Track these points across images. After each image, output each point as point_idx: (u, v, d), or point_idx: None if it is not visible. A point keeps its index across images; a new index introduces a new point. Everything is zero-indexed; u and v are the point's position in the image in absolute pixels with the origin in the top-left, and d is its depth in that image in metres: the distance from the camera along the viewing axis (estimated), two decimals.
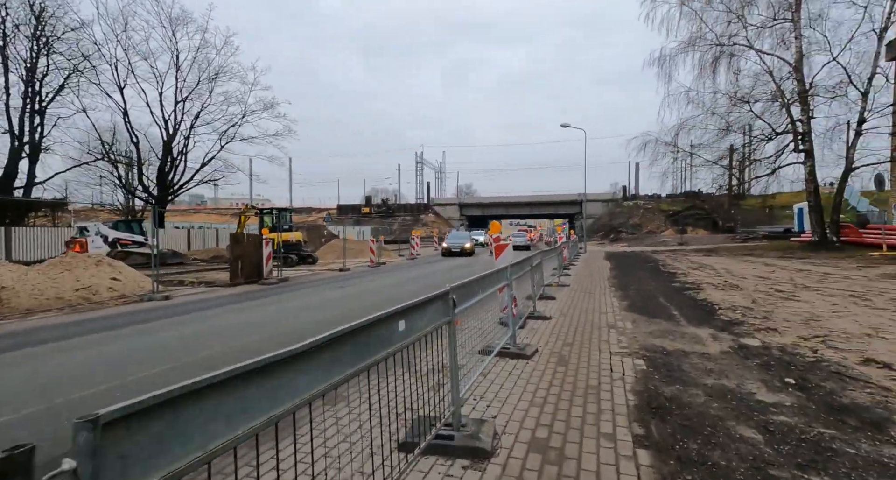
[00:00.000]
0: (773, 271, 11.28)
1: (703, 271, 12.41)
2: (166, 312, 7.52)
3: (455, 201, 72.69)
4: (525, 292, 7.40)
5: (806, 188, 19.09)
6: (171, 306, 8.14)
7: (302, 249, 19.14)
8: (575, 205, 60.69)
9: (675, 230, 51.14)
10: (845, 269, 11.08)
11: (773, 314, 6.10)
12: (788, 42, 18.74)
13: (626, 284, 10.25)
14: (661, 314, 6.58)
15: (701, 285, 9.16)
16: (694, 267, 13.52)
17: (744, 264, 13.58)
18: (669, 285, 9.58)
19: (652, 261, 16.79)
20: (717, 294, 7.88)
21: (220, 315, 7.33)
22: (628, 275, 12.23)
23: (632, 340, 5.14)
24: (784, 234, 32.09)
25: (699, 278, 10.43)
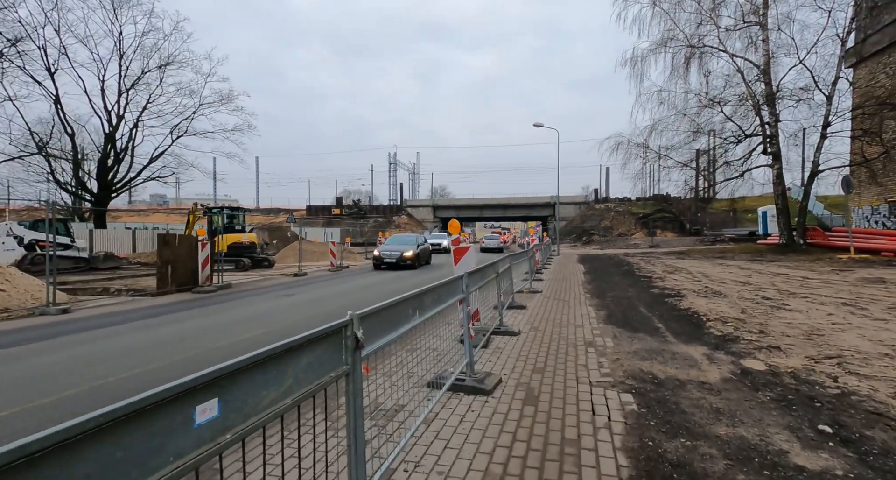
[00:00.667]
0: (751, 276, 10.82)
1: (679, 275, 11.87)
2: (52, 330, 6.13)
3: (428, 202, 71.74)
4: (490, 303, 6.46)
5: (774, 191, 19.16)
6: (66, 321, 6.72)
7: (256, 251, 17.62)
8: (548, 207, 60.86)
9: (644, 233, 51.96)
10: (821, 272, 10.75)
11: (769, 326, 5.37)
12: (757, 45, 18.77)
13: (602, 290, 9.50)
14: (643, 326, 5.76)
15: (681, 292, 8.49)
16: (669, 271, 13.00)
17: (719, 268, 13.17)
18: (648, 292, 8.87)
19: (626, 264, 16.28)
20: (700, 302, 7.17)
21: (122, 334, 6.01)
22: (604, 280, 11.54)
23: (614, 363, 4.25)
24: (749, 237, 32.82)
25: (678, 284, 9.80)
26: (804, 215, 18.53)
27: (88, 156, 25.22)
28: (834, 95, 17.31)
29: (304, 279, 13.38)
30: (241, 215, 17.70)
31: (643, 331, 5.52)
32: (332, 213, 71.40)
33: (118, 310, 7.78)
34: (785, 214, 18.91)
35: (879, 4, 16.48)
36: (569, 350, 4.78)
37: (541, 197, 63.78)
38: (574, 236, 53.33)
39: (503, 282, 7.35)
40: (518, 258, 9.33)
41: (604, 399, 3.34)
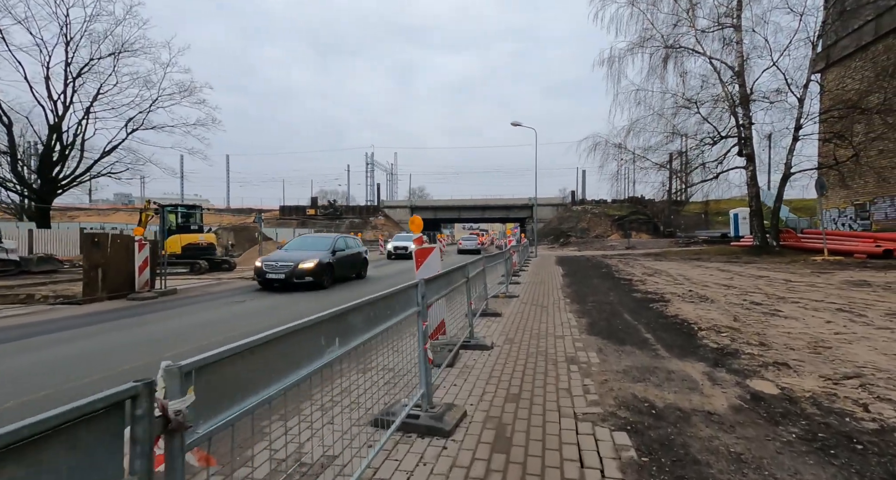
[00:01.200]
0: (732, 278, 10.48)
1: (659, 277, 11.45)
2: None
3: (406, 203, 70.75)
4: (460, 311, 5.71)
5: (748, 193, 19.23)
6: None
7: (215, 253, 16.35)
8: (526, 209, 60.91)
9: (620, 235, 52.57)
10: (802, 275, 10.51)
11: (768, 337, 4.82)
12: (732, 46, 18.81)
13: (582, 294, 8.90)
14: (630, 337, 5.12)
15: (665, 296, 7.97)
16: (649, 273, 12.60)
17: (698, 270, 12.86)
18: (631, 296, 8.32)
19: (604, 266, 15.88)
20: (688, 308, 6.63)
21: (12, 355, 4.95)
22: (583, 283, 10.99)
23: (602, 385, 3.56)
24: (722, 238, 33.36)
25: (660, 287, 9.32)
26: (777, 217, 18.64)
27: (30, 149, 23.22)
28: (806, 97, 17.48)
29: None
30: (198, 213, 16.37)
31: (631, 343, 4.88)
32: (306, 213, 69.48)
33: (24, 322, 6.64)
34: (759, 216, 18.99)
35: (848, 9, 16.71)
36: (548, 369, 4.07)
37: (519, 199, 63.87)
38: (552, 237, 53.46)
39: (475, 287, 6.63)
40: (493, 260, 8.64)
41: (593, 441, 2.63)
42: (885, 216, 18.86)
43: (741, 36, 18.48)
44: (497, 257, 8.98)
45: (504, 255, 9.57)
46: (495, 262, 8.83)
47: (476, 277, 6.43)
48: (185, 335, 6.00)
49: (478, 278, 6.64)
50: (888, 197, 18.58)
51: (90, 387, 3.83)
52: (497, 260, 8.98)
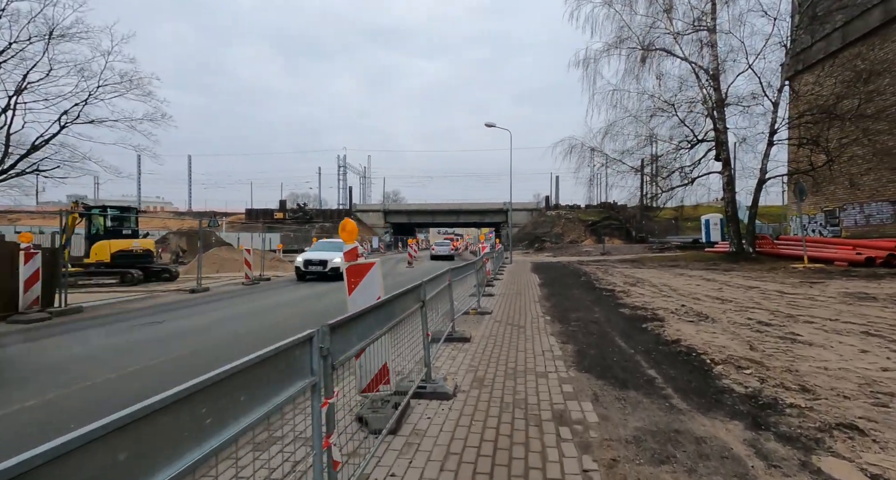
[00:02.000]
0: (721, 289, 9.69)
1: (643, 288, 10.57)
2: None
3: (379, 207, 69.03)
4: (413, 348, 4.47)
5: (724, 198, 18.91)
6: None
7: (153, 261, 14.49)
8: (501, 213, 60.42)
9: (594, 240, 52.72)
10: (793, 285, 9.83)
11: (803, 375, 3.82)
12: (706, 50, 18.51)
13: (563, 310, 7.83)
14: (632, 376, 4.01)
15: (657, 313, 6.98)
16: (631, 283, 11.73)
17: (682, 279, 12.10)
18: (618, 312, 7.30)
19: (583, 274, 15.00)
20: (689, 330, 5.62)
21: None
22: (563, 295, 9.95)
23: (610, 471, 2.40)
24: (694, 244, 33.53)
25: (648, 301, 8.37)
26: (753, 222, 18.37)
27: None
28: (780, 102, 17.29)
29: (201, 297, 10.67)
30: (132, 216, 14.45)
31: (634, 385, 3.76)
32: (273, 217, 66.64)
33: None
34: (735, 221, 18.68)
35: (820, 14, 16.65)
36: (530, 437, 2.88)
37: (493, 203, 63.36)
38: (526, 242, 53.04)
39: (437, 309, 5.41)
40: (462, 272, 7.45)
41: None
42: (855, 223, 18.91)
43: (715, 39, 18.20)
44: (467, 267, 7.79)
45: (475, 265, 8.39)
46: (465, 273, 7.64)
47: (439, 296, 5.21)
48: (42, 377, 4.48)
49: (440, 298, 5.43)
50: (857, 204, 18.63)
51: None
52: (467, 272, 7.79)
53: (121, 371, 4.57)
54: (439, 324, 5.93)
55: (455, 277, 6.55)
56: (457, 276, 6.64)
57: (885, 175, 17.21)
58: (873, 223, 17.86)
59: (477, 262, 8.83)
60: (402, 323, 3.53)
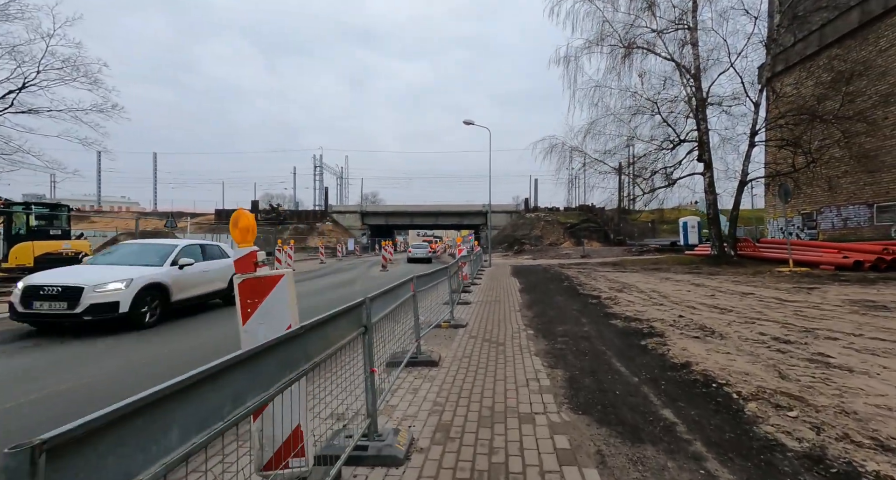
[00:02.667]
0: (714, 295, 8.98)
1: (631, 294, 9.78)
2: None
3: (356, 208, 67.30)
4: (354, 386, 3.39)
5: (706, 200, 18.55)
6: None
7: None
8: (480, 215, 59.78)
9: (573, 242, 52.65)
10: (789, 291, 9.22)
11: (860, 415, 2.95)
12: (687, 49, 18.15)
13: (547, 322, 6.89)
14: (646, 423, 3.06)
15: (654, 325, 6.13)
16: (617, 288, 10.96)
17: (669, 285, 11.41)
18: (609, 325, 6.41)
19: (565, 279, 14.20)
20: (697, 350, 4.75)
21: None
22: (546, 303, 9.04)
23: None
24: (672, 247, 33.50)
25: (639, 310, 7.53)
26: (735, 225, 18.05)
27: None
28: (762, 102, 17.03)
29: None
30: (63, 215, 12.76)
31: (650, 437, 2.81)
32: None
33: None
34: (716, 224, 18.32)
35: (801, 14, 16.48)
36: None
37: (473, 205, 62.66)
38: (506, 245, 52.51)
39: (394, 330, 4.37)
40: (433, 279, 6.42)
41: None
42: (832, 226, 18.88)
43: (696, 37, 17.86)
44: (437, 274, 6.75)
45: (448, 270, 7.36)
46: (435, 281, 6.61)
47: (397, 312, 4.17)
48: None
49: (401, 313, 4.39)
50: (835, 207, 18.60)
51: None
52: (438, 279, 6.76)
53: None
54: (402, 344, 4.89)
55: (423, 285, 5.52)
56: (425, 284, 5.61)
57: (862, 178, 17.17)
58: (851, 226, 17.81)
59: (451, 266, 7.81)
60: (336, 356, 2.46)
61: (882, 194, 16.36)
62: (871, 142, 16.49)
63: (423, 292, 5.77)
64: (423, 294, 5.94)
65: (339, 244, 40.92)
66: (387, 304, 3.77)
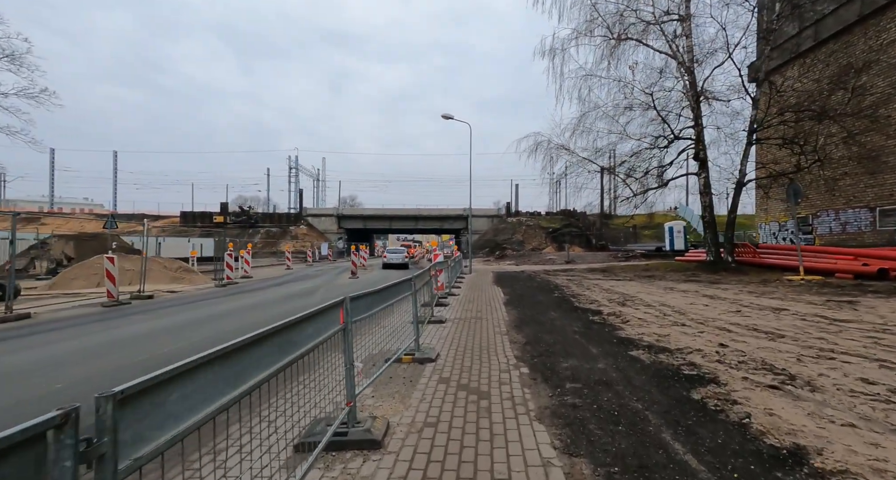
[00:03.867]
0: (740, 311, 7.42)
1: (637, 308, 8.14)
2: None
3: (332, 211, 64.72)
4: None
5: (701, 202, 17.28)
6: None
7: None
8: (461, 219, 58.20)
9: (555, 247, 51.56)
10: (826, 306, 7.74)
11: None
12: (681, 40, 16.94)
13: (545, 352, 5.10)
14: None
15: (692, 359, 4.43)
16: (618, 301, 9.32)
17: (677, 296, 9.85)
18: (630, 358, 4.68)
19: (555, 288, 12.53)
20: (794, 416, 3.06)
21: None
22: (538, 321, 7.27)
23: None
24: (658, 252, 32.48)
25: (661, 334, 5.85)
26: (732, 229, 16.82)
27: None
28: (761, 97, 15.90)
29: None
30: None
31: None
32: (213, 221, 60.53)
33: None
34: (712, 228, 17.07)
35: (800, 3, 15.46)
36: None
37: (453, 209, 61.05)
38: (487, 249, 50.99)
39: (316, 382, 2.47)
40: (389, 296, 4.55)
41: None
42: (830, 231, 17.91)
43: (690, 27, 16.68)
44: (396, 288, 4.87)
45: (412, 284, 5.47)
46: (393, 299, 4.72)
47: (314, 360, 2.30)
48: None
49: (324, 359, 2.54)
50: (832, 210, 17.63)
51: None
52: (397, 295, 4.88)
53: None
54: (324, 407, 3.01)
55: (366, 310, 3.63)
56: (369, 308, 3.72)
57: (863, 180, 16.21)
58: (850, 231, 16.83)
59: (418, 277, 5.93)
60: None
61: (885, 197, 15.39)
62: (871, 141, 15.55)
63: (372, 320, 3.91)
64: (372, 321, 4.08)
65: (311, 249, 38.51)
66: (289, 349, 1.94)
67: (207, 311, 9.47)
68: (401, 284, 5.10)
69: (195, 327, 7.68)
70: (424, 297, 7.78)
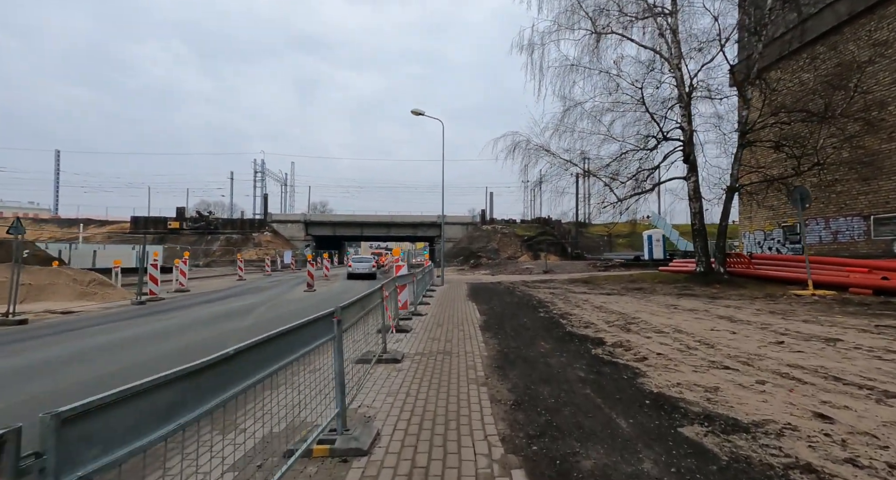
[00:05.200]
0: (782, 342, 5.79)
1: (648, 337, 6.43)
2: None
3: (300, 217, 61.46)
4: None
5: (690, 208, 16.09)
6: None
7: None
8: (434, 227, 56.37)
9: (530, 255, 50.41)
10: (868, 331, 6.23)
11: None
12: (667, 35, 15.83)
13: (545, 425, 3.20)
14: None
15: (788, 446, 2.64)
16: (619, 325, 7.60)
17: (688, 318, 8.24)
18: (687, 443, 2.85)
19: (539, 305, 10.76)
20: None
21: None
22: (525, 358, 5.38)
23: None
24: (637, 261, 31.49)
25: (707, 387, 4.11)
26: (724, 238, 15.65)
27: None
28: (752, 96, 14.88)
29: None
30: None
31: None
32: (167, 226, 56.21)
33: None
34: (703, 236, 15.86)
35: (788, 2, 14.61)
36: None
37: (427, 216, 59.15)
38: (461, 258, 49.29)
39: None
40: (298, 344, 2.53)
41: None
42: (820, 240, 17.05)
43: (676, 22, 15.59)
44: (310, 330, 2.87)
45: (329, 326, 3.45)
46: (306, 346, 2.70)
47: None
48: None
49: None
50: (822, 219, 16.79)
51: None
52: (308, 345, 2.85)
53: None
54: None
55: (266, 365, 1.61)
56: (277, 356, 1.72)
57: (855, 186, 15.38)
58: (842, 241, 15.96)
59: (351, 306, 3.93)
60: None
61: (880, 205, 14.55)
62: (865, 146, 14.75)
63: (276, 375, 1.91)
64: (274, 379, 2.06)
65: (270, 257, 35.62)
66: None
67: (86, 344, 7.10)
68: (317, 322, 3.07)
69: (61, 364, 5.37)
70: (375, 321, 5.81)
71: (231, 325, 8.84)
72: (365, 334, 5.30)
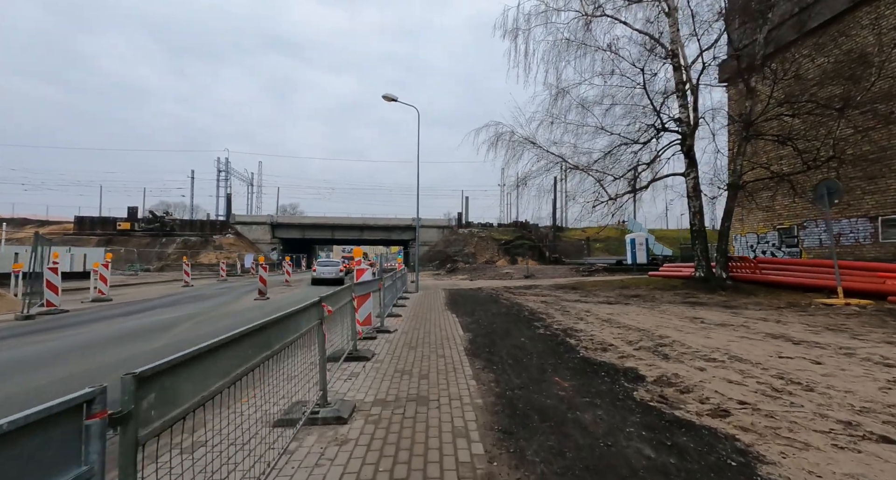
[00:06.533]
0: (892, 385, 4.09)
1: (685, 363, 4.66)
2: None
3: (266, 219, 57.90)
4: None
5: (689, 206, 14.72)
6: None
7: None
8: (409, 230, 54.23)
9: (507, 260, 48.98)
10: None
11: None
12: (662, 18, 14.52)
13: None
14: None
15: None
16: (644, 345, 5.80)
17: (722, 334, 6.56)
18: None
19: (531, 316, 8.89)
20: None
21: None
22: (539, 409, 3.42)
23: None
24: (619, 266, 30.38)
25: (843, 473, 2.21)
26: (727, 241, 14.34)
27: None
28: (757, 84, 13.68)
29: None
30: None
31: None
32: (117, 227, 51.61)
33: None
34: (702, 238, 14.50)
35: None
36: None
37: (402, 219, 57.00)
38: (437, 262, 47.32)
39: None
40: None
41: None
42: (819, 243, 16.08)
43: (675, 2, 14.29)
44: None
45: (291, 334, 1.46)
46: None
47: None
48: None
49: None
50: (821, 221, 15.80)
51: None
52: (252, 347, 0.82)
53: None
54: None
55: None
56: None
57: (860, 185, 14.41)
58: (845, 244, 14.96)
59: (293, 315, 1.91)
60: None
61: (889, 205, 13.58)
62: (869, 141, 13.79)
63: None
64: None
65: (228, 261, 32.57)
66: None
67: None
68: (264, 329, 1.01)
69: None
70: (316, 352, 3.75)
71: (131, 349, 6.51)
72: (287, 375, 3.22)
